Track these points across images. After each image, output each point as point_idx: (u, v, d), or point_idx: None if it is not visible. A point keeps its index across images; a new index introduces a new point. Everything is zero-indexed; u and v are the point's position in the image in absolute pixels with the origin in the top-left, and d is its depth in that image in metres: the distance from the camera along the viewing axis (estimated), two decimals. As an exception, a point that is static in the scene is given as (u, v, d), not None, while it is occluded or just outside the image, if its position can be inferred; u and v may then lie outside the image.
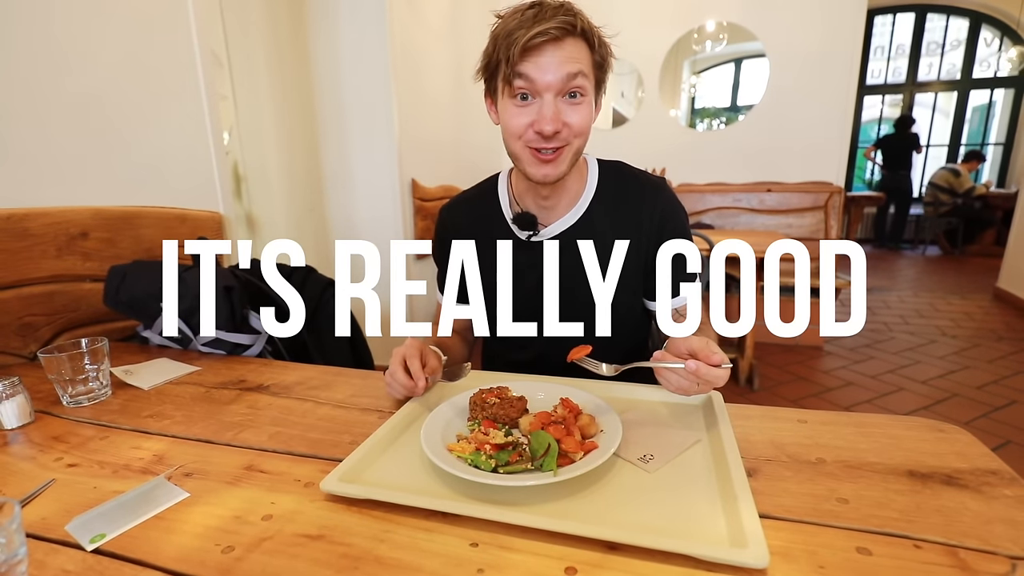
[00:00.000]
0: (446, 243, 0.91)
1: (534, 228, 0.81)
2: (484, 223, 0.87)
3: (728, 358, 0.59)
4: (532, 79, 0.67)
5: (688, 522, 0.44)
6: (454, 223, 0.90)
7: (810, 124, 3.04)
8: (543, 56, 0.66)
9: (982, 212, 5.37)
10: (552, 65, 0.66)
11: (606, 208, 0.81)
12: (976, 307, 3.48)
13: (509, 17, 0.68)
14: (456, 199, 0.92)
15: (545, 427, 0.55)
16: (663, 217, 0.80)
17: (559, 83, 0.67)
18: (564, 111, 0.69)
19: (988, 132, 6.19)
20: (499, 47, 0.68)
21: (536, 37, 0.65)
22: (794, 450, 0.56)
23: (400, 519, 0.46)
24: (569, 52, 0.67)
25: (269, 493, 0.51)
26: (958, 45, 5.96)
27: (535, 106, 0.69)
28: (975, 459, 0.53)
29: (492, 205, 0.86)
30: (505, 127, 0.73)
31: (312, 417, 0.69)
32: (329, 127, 2.20)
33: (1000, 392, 2.17)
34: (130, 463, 0.58)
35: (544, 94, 0.68)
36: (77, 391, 0.74)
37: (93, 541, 0.45)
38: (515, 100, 0.70)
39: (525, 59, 0.67)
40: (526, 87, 0.68)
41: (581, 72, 0.68)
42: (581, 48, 0.68)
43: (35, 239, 0.96)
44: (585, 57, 0.69)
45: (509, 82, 0.69)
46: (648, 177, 0.84)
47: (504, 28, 0.68)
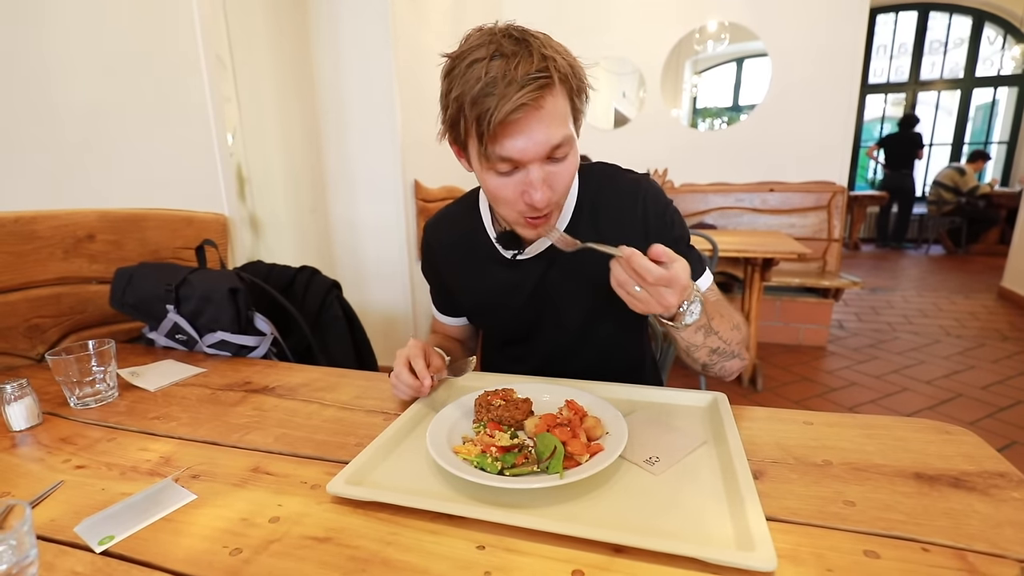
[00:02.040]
0: (433, 262, 0.88)
1: (519, 247, 0.77)
2: (468, 241, 0.82)
3: (684, 265, 0.54)
4: (516, 159, 0.60)
5: (695, 525, 0.44)
6: (439, 241, 0.86)
7: (812, 123, 3.03)
8: (524, 132, 0.58)
9: (986, 211, 5.35)
10: (535, 141, 0.59)
11: (589, 218, 0.77)
12: (980, 307, 3.47)
13: (468, 71, 0.57)
14: (439, 216, 0.88)
15: (551, 429, 0.55)
16: (645, 209, 0.76)
17: (545, 153, 0.60)
18: (551, 176, 0.63)
19: (992, 131, 6.16)
20: (466, 118, 0.59)
21: (513, 114, 0.56)
22: (800, 452, 0.56)
23: (407, 521, 0.46)
24: (551, 116, 0.58)
25: (276, 495, 0.51)
26: (961, 43, 5.94)
27: (520, 176, 0.62)
28: (983, 461, 0.53)
29: (475, 223, 0.82)
30: (487, 191, 0.67)
31: (318, 419, 0.69)
32: (331, 128, 2.21)
33: (1005, 392, 2.17)
34: (137, 465, 0.59)
35: (530, 166, 0.61)
36: (84, 393, 0.75)
37: (102, 543, 0.45)
38: (495, 173, 0.63)
39: (502, 138, 0.58)
40: (508, 165, 0.61)
41: (565, 135, 0.61)
42: (561, 100, 0.60)
43: (42, 241, 0.96)
44: (566, 108, 0.61)
45: (487, 158, 0.61)
46: (625, 176, 0.79)
47: (468, 92, 0.57)
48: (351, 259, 2.31)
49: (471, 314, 0.91)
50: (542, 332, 0.84)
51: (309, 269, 1.23)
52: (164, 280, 0.96)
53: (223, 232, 1.33)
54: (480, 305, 0.86)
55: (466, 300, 0.87)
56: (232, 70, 1.94)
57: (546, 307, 0.81)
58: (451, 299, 0.90)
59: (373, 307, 2.30)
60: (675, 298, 0.56)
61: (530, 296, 0.80)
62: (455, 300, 0.89)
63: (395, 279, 2.29)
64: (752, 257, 2.06)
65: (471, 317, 0.92)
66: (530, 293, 0.80)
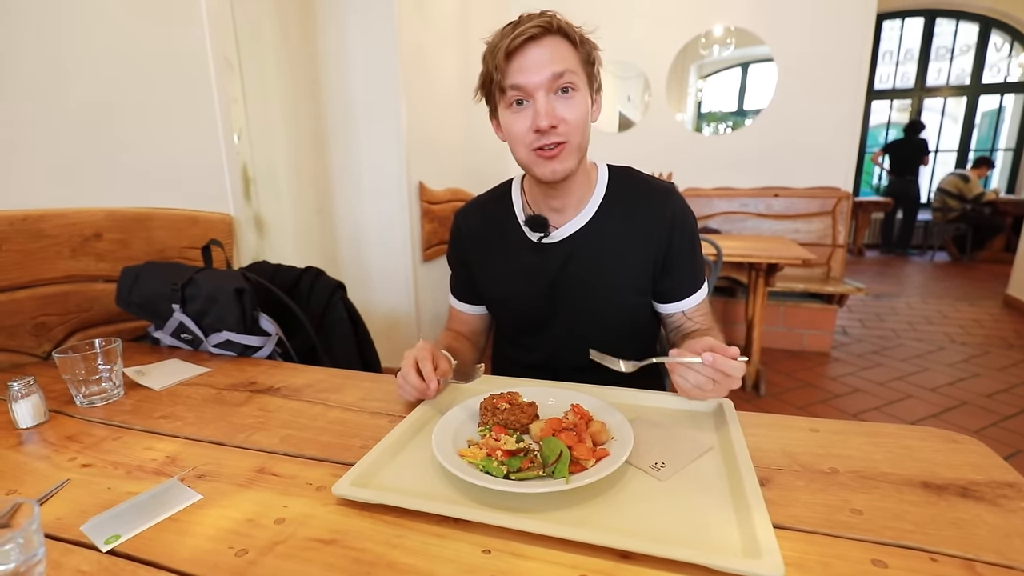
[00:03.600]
0: (460, 247, 0.92)
1: (545, 230, 0.82)
2: (498, 227, 0.88)
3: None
4: (521, 84, 0.70)
5: (701, 531, 0.44)
6: (469, 228, 0.91)
7: (818, 128, 3.02)
8: (527, 58, 0.69)
9: (991, 218, 5.32)
10: (537, 65, 0.69)
11: (616, 212, 0.82)
12: (986, 314, 3.45)
13: (494, 37, 0.73)
14: (471, 204, 0.93)
15: (556, 433, 0.55)
16: (673, 221, 0.80)
17: (548, 81, 0.69)
18: (558, 106, 0.71)
19: (998, 138, 6.13)
20: (487, 63, 0.73)
21: (515, 39, 0.69)
22: (806, 459, 0.56)
23: (412, 524, 0.46)
24: (551, 49, 0.69)
25: (281, 496, 0.51)
26: (967, 50, 5.92)
27: (530, 108, 0.71)
28: (991, 471, 0.52)
29: (506, 209, 0.88)
30: (509, 136, 0.76)
31: (323, 420, 0.69)
32: (337, 129, 2.22)
33: (1010, 401, 2.15)
34: (143, 464, 0.59)
35: (536, 94, 0.70)
36: (90, 391, 0.75)
37: (108, 542, 0.45)
38: (512, 108, 0.73)
39: (511, 65, 0.70)
40: (518, 93, 0.71)
41: (568, 68, 0.70)
42: (563, 45, 0.70)
43: (50, 240, 0.97)
44: (569, 54, 0.71)
45: (503, 92, 0.72)
46: (658, 182, 0.84)
47: (490, 45, 0.72)
48: (356, 260, 2.32)
49: (491, 299, 0.93)
50: (556, 321, 0.87)
51: (314, 270, 1.24)
52: (170, 279, 0.96)
53: (229, 232, 1.34)
54: (502, 289, 0.89)
55: (489, 284, 0.90)
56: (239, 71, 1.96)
57: (564, 295, 0.84)
58: (473, 286, 0.93)
59: (377, 308, 2.30)
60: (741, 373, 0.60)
61: (551, 283, 0.84)
62: (477, 287, 0.92)
63: (399, 280, 2.30)
64: (757, 262, 2.06)
65: (490, 303, 0.94)
66: (551, 280, 0.83)
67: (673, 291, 0.84)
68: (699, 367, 0.60)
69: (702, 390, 0.61)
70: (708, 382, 0.60)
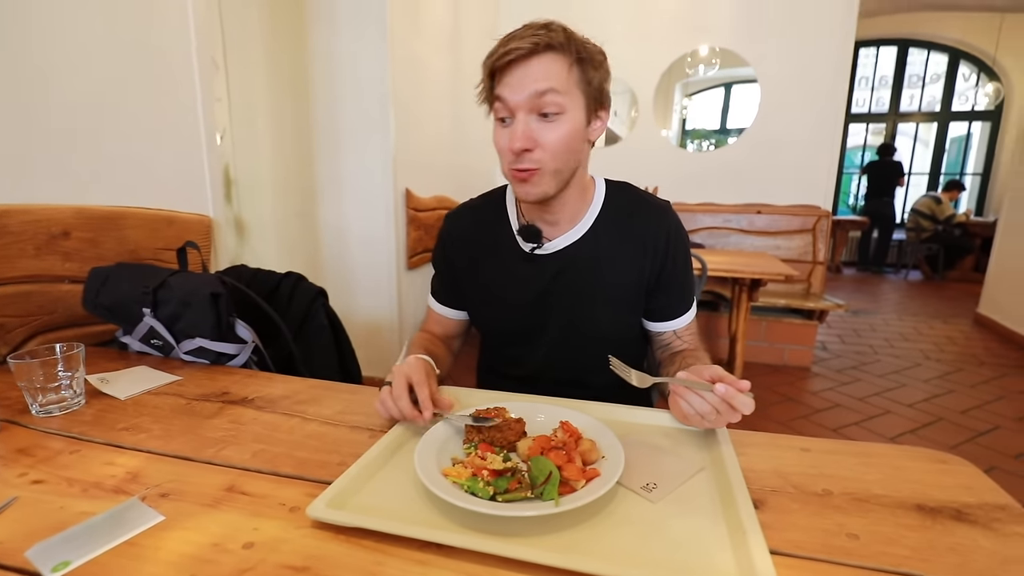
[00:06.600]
0: (447, 250, 0.89)
1: (538, 241, 0.80)
2: (488, 233, 0.85)
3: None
4: (505, 97, 0.68)
5: (696, 556, 0.42)
6: (459, 232, 0.88)
7: (798, 149, 3.10)
8: (511, 76, 0.67)
9: (962, 239, 5.52)
10: (518, 85, 0.66)
11: (611, 227, 0.80)
12: (958, 332, 3.55)
13: (496, 43, 0.70)
14: (462, 208, 0.91)
15: (545, 452, 0.53)
16: (668, 239, 0.79)
17: (527, 102, 0.67)
18: (536, 130, 0.68)
19: (966, 162, 6.41)
20: (483, 69, 0.71)
21: (502, 57, 0.66)
22: (799, 480, 0.54)
23: (392, 550, 0.43)
24: (537, 70, 0.66)
25: (251, 518, 0.48)
26: (938, 79, 6.20)
27: (511, 126, 0.69)
28: (982, 493, 0.52)
29: (499, 215, 0.85)
30: (495, 148, 0.74)
31: (299, 434, 0.65)
32: (323, 132, 2.18)
33: (983, 417, 2.20)
34: (101, 481, 0.55)
35: (517, 113, 0.68)
36: (48, 399, 0.70)
37: (55, 570, 0.41)
38: (499, 123, 0.71)
39: (497, 80, 0.69)
40: (503, 109, 0.69)
41: (552, 89, 0.66)
42: (552, 64, 0.66)
43: (12, 237, 0.91)
44: (558, 73, 0.67)
45: (491, 104, 0.71)
46: (654, 199, 0.84)
47: (489, 52, 0.69)
48: (338, 266, 2.27)
49: (477, 307, 0.90)
50: (545, 334, 0.84)
51: (295, 275, 1.20)
52: (142, 282, 0.92)
53: (207, 234, 1.29)
54: (490, 297, 0.86)
55: (476, 290, 0.87)
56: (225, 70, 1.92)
57: (553, 308, 0.82)
58: (456, 290, 0.90)
59: (358, 315, 2.25)
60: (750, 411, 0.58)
61: (540, 294, 0.81)
62: (462, 292, 0.89)
63: (382, 288, 2.26)
64: (741, 277, 2.08)
65: (476, 311, 0.91)
66: (541, 291, 0.81)
67: (665, 310, 0.83)
68: (707, 396, 0.58)
69: (703, 418, 0.59)
70: (712, 412, 0.58)
